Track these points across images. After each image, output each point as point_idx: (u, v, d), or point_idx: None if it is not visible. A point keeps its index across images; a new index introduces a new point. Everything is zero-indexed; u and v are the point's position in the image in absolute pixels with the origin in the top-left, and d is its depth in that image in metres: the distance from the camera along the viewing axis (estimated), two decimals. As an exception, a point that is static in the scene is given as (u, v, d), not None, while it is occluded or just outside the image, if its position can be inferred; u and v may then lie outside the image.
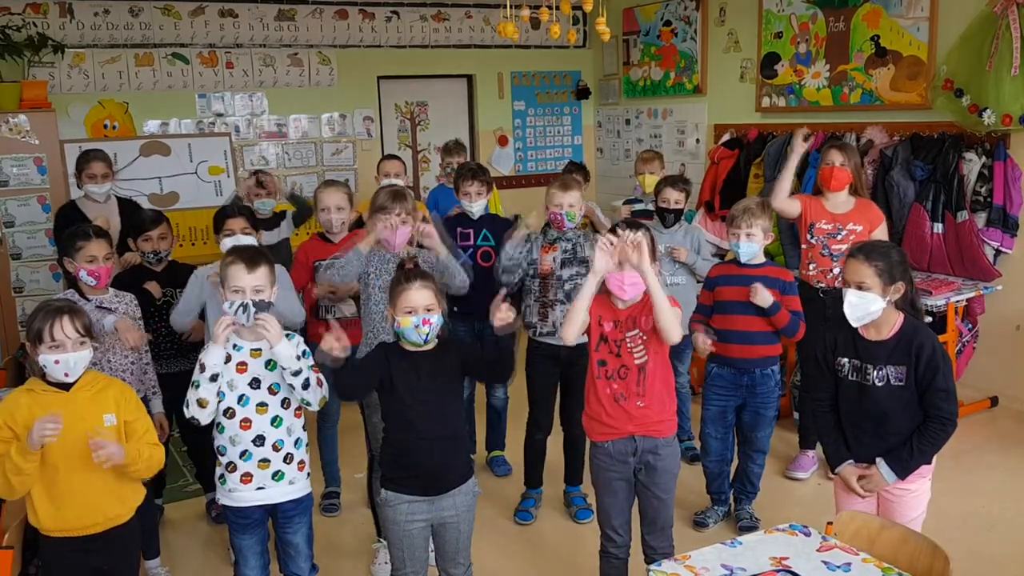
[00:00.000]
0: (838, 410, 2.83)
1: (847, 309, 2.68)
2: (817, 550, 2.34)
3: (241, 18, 6.70)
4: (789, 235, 5.22)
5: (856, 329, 2.74)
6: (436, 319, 2.67)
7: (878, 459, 2.71)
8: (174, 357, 3.72)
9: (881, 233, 4.09)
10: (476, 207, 4.10)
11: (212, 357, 2.65)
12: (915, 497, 2.74)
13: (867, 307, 2.66)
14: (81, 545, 2.56)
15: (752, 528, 3.64)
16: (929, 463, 2.73)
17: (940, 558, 2.30)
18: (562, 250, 3.72)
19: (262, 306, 2.69)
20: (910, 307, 2.72)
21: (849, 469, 2.79)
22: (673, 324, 2.72)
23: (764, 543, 2.40)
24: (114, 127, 6.33)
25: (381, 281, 3.25)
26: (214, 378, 2.67)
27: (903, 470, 2.69)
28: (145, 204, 5.06)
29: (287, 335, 2.77)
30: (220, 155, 6.37)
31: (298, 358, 2.70)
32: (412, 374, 2.69)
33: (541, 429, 3.94)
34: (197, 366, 2.68)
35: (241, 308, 2.67)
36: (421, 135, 7.72)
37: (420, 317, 2.63)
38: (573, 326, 2.83)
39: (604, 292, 2.87)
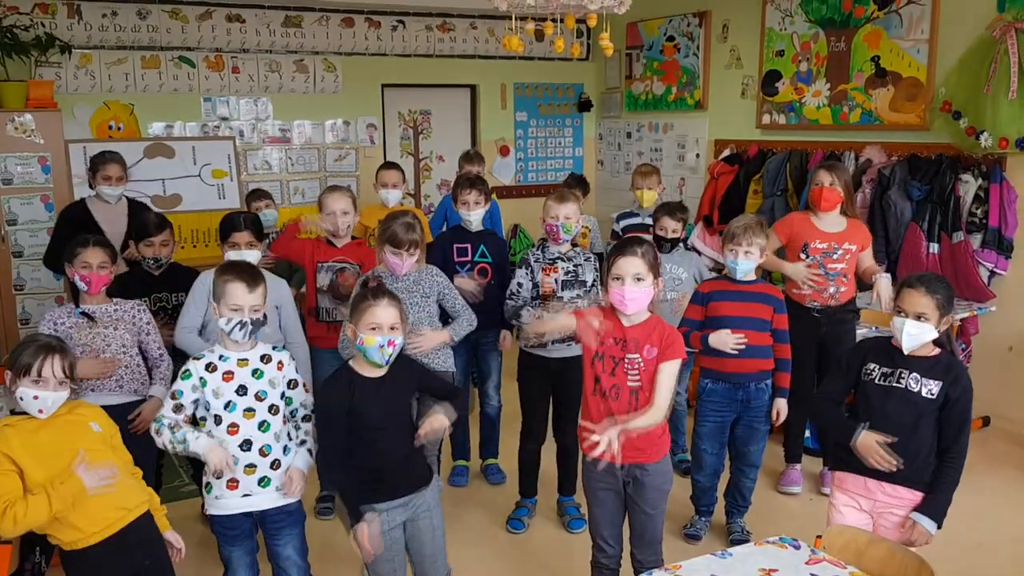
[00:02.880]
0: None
1: (905, 339, 2.71)
2: (806, 563, 2.37)
3: (248, 23, 6.75)
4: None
5: (890, 342, 2.79)
6: (400, 341, 2.67)
7: (914, 514, 2.72)
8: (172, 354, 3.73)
9: (868, 254, 4.16)
10: (473, 216, 4.11)
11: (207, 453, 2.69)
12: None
13: (923, 337, 2.71)
14: (117, 543, 2.49)
15: (743, 541, 3.64)
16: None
17: (926, 574, 2.33)
18: (563, 271, 3.73)
19: (259, 323, 2.76)
20: (945, 337, 2.78)
21: (867, 434, 2.71)
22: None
23: (754, 555, 2.43)
24: (119, 128, 6.36)
25: None
26: (179, 408, 2.73)
27: (938, 515, 2.71)
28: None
29: (276, 347, 2.87)
30: (224, 159, 6.41)
31: (291, 386, 2.84)
32: (376, 400, 2.68)
33: (534, 439, 3.96)
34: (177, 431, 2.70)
35: (239, 326, 2.72)
36: (423, 143, 7.77)
37: (385, 337, 2.62)
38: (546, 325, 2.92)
39: (609, 306, 2.90)
